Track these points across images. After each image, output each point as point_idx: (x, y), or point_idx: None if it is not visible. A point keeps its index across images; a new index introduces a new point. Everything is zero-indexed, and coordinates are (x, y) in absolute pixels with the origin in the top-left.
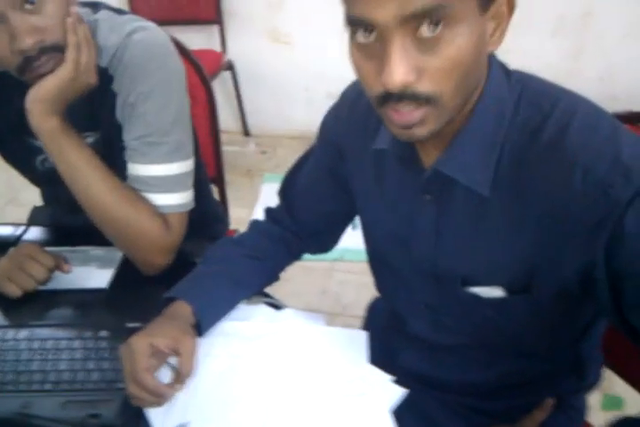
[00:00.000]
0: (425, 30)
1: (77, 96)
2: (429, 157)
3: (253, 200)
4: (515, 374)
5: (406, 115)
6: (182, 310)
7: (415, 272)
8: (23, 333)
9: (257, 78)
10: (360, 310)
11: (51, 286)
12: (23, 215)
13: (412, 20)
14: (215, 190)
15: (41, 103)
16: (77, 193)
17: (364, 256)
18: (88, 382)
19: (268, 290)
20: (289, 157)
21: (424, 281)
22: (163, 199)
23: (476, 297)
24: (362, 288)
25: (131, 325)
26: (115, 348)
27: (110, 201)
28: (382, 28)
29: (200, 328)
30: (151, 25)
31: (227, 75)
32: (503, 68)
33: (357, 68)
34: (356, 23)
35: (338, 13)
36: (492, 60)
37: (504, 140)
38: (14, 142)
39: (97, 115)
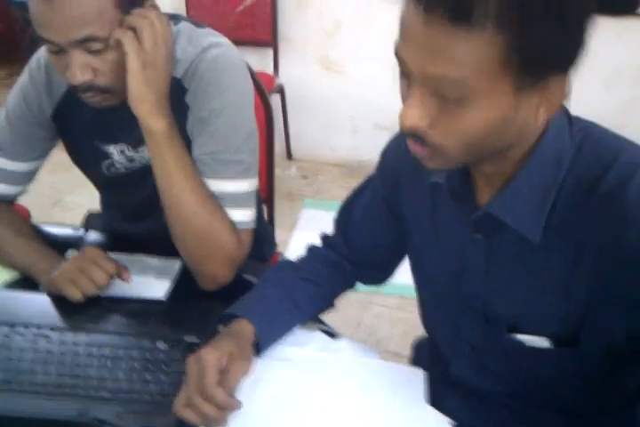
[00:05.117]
0: (447, 91)
1: (168, 86)
2: (483, 196)
3: (292, 223)
4: None
5: (415, 148)
6: (245, 328)
7: (464, 309)
8: (81, 337)
9: (305, 104)
10: (394, 345)
11: (107, 292)
12: (69, 218)
13: (433, 79)
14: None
15: (145, 103)
16: (167, 199)
17: (401, 291)
18: (145, 394)
19: None
20: (330, 183)
21: (472, 319)
22: (234, 215)
23: (521, 345)
24: (397, 323)
25: (189, 338)
26: (172, 360)
27: (198, 212)
28: (411, 76)
29: (259, 348)
30: (227, 42)
31: (275, 98)
32: (567, 114)
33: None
34: (397, 58)
35: (390, 45)
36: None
37: (560, 187)
38: (84, 145)
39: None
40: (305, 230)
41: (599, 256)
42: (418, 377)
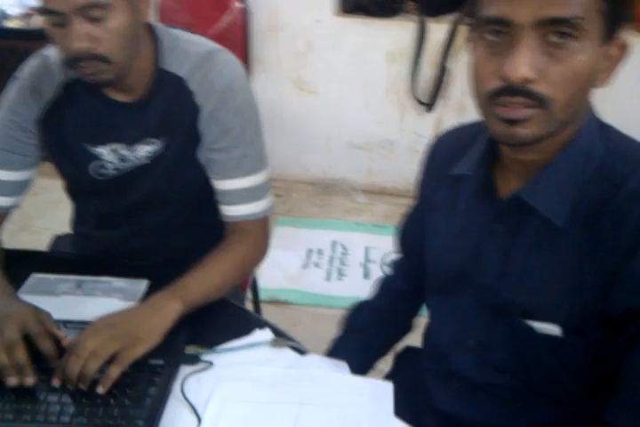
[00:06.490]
0: (555, 36)
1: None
2: (508, 187)
3: None
4: (558, 425)
5: (514, 110)
6: None
7: (474, 304)
8: (42, 362)
9: (278, 123)
10: None
11: (71, 316)
12: (36, 242)
13: (547, 25)
14: None
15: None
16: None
17: None
18: (108, 418)
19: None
20: (303, 201)
21: (481, 314)
22: (253, 207)
23: (532, 332)
24: None
25: (153, 361)
26: (136, 384)
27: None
28: (516, 28)
29: None
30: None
31: None
32: (598, 119)
33: (476, 66)
34: (489, 22)
35: (361, 66)
36: (592, 108)
37: (588, 181)
38: (71, 149)
39: (169, 123)
40: (278, 248)
41: (617, 248)
42: (386, 391)
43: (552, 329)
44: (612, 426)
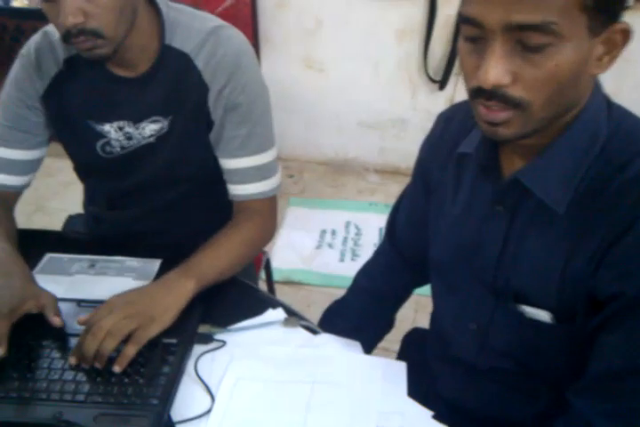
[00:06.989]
0: (529, 39)
1: None
2: (511, 168)
3: (277, 221)
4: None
5: (493, 113)
6: None
7: (474, 286)
8: (56, 341)
9: (288, 103)
10: (383, 340)
11: (84, 295)
12: (50, 223)
13: (518, 29)
14: None
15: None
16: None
17: None
18: (122, 396)
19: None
20: (315, 181)
21: (481, 296)
22: (261, 187)
23: (523, 318)
24: None
25: (166, 340)
26: (149, 362)
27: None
28: (488, 31)
29: None
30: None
31: None
32: (606, 98)
33: (460, 60)
34: (465, 21)
35: (371, 44)
36: (598, 87)
37: (591, 164)
38: (77, 127)
39: (174, 100)
40: (291, 228)
41: (612, 234)
42: (399, 370)
43: (543, 315)
44: (570, 405)
